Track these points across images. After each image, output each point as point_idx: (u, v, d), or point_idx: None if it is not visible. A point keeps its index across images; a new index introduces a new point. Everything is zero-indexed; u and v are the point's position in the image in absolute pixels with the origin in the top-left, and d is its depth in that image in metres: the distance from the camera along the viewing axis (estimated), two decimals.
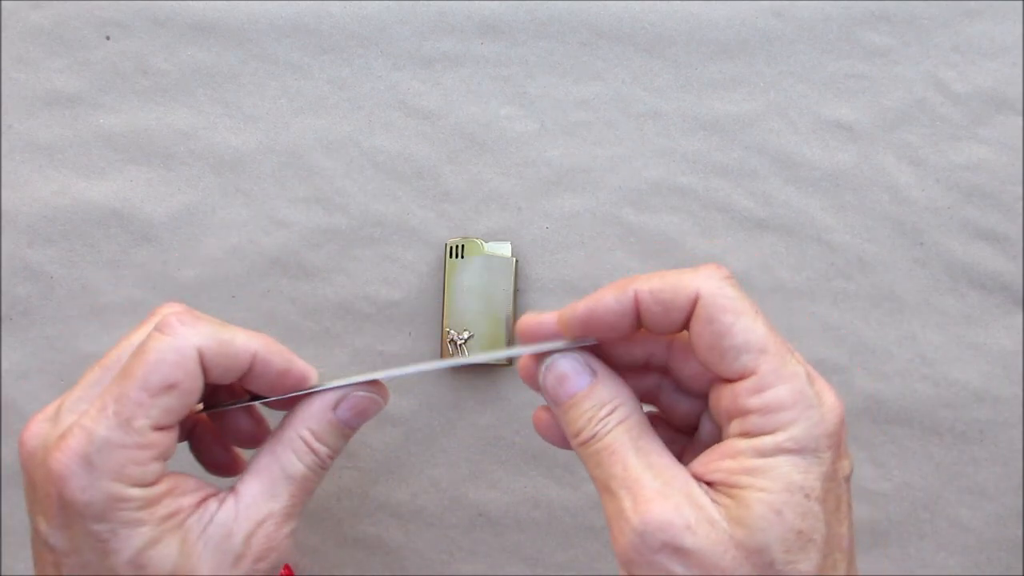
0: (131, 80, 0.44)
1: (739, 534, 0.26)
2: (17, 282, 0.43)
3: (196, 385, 0.30)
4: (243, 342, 0.31)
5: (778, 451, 0.27)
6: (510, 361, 0.42)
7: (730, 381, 0.28)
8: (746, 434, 0.28)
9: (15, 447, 0.43)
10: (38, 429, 0.30)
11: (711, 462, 0.28)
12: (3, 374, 0.43)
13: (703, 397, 0.31)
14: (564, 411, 0.30)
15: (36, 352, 0.43)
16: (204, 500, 0.30)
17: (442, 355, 0.42)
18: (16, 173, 0.43)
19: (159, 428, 0.29)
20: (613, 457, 0.28)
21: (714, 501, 0.27)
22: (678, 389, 0.32)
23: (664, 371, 0.32)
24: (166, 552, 0.29)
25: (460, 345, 0.41)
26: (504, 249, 0.42)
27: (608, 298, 0.29)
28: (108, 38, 0.44)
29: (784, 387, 0.27)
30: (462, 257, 0.42)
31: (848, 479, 0.29)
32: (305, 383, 0.32)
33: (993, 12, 0.43)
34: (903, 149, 0.43)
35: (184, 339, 0.29)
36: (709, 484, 0.28)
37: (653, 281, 0.29)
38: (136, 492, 0.29)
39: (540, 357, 0.31)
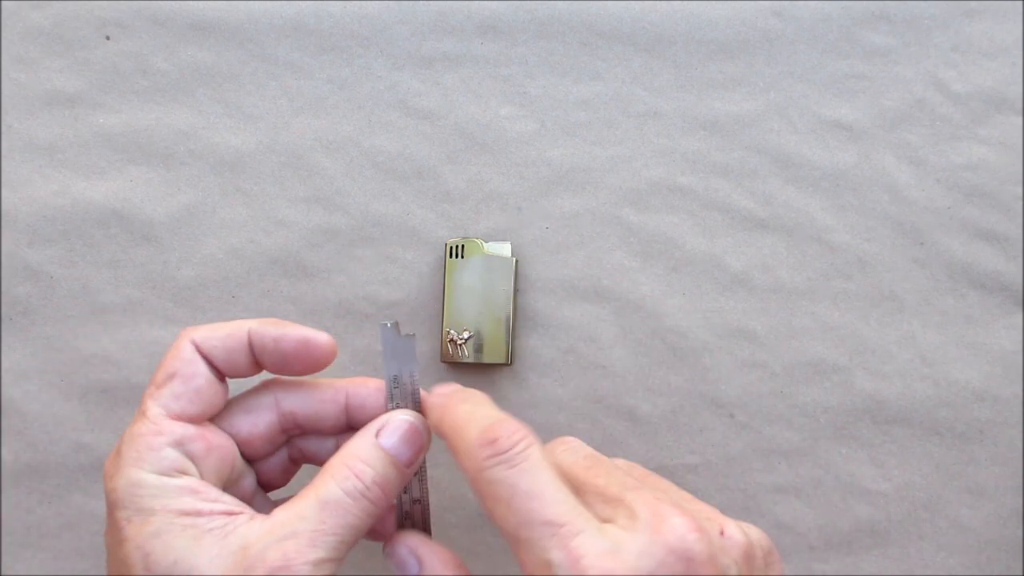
0: (131, 80, 0.44)
1: None
2: (17, 282, 0.43)
3: (196, 370, 0.32)
4: (236, 323, 0.33)
5: None
6: (510, 361, 0.42)
7: None
8: None
9: (15, 447, 0.43)
10: None
11: None
12: (3, 374, 0.43)
13: None
14: None
15: (36, 352, 0.43)
16: (236, 514, 0.30)
17: (442, 355, 0.42)
18: (16, 173, 0.43)
19: (172, 416, 0.31)
20: None
21: None
22: None
23: None
24: (173, 545, 0.29)
25: (460, 345, 0.41)
26: (504, 249, 0.42)
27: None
28: (108, 38, 0.44)
29: None
30: (462, 257, 0.42)
31: None
32: (315, 348, 0.33)
33: (993, 12, 0.43)
34: (903, 149, 0.43)
35: (180, 337, 0.33)
36: None
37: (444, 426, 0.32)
38: (152, 478, 0.30)
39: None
